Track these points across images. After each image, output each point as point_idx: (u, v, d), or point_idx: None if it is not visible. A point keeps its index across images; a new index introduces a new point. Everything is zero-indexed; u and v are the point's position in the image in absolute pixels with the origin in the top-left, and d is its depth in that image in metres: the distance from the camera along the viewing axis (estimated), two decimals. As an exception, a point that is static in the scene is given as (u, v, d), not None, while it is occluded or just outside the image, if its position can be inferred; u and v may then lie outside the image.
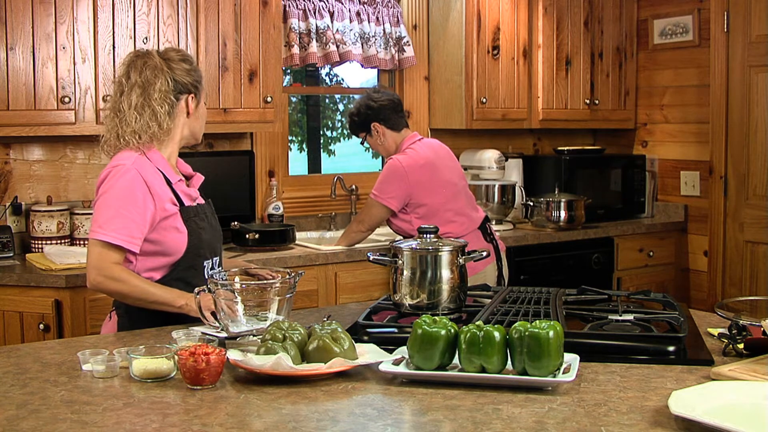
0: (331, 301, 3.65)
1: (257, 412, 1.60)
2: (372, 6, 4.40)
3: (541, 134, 5.13)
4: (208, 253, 2.41)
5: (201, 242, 2.38)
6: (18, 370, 1.88)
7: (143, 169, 2.31)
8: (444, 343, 1.76)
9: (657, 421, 1.52)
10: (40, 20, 3.29)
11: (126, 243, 2.25)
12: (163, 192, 2.32)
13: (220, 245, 2.52)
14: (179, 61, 2.41)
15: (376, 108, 3.62)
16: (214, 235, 2.46)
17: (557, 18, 4.69)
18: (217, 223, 2.52)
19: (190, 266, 2.36)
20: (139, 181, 2.28)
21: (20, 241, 3.56)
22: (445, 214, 3.49)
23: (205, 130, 2.54)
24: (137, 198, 2.27)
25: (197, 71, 2.46)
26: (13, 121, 3.27)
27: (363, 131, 3.69)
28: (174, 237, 2.33)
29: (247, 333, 1.99)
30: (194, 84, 2.42)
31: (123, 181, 2.28)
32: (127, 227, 2.25)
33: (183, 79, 2.39)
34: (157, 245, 2.31)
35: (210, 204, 2.53)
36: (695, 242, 4.83)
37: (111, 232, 2.24)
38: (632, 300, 2.49)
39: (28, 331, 3.13)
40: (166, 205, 2.32)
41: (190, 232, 2.35)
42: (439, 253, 2.19)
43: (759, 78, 4.43)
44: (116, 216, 2.25)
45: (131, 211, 2.26)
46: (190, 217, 2.37)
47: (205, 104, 2.51)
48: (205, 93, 2.51)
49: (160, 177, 2.35)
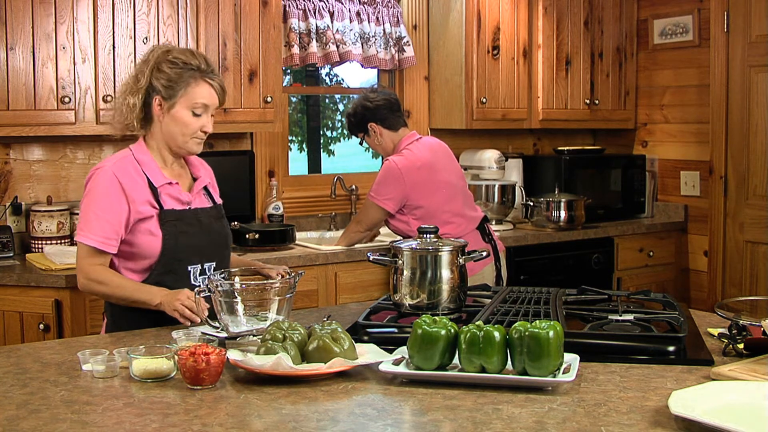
0: (331, 301, 3.64)
1: (257, 412, 1.60)
2: (372, 6, 4.40)
3: (541, 134, 5.13)
4: (195, 257, 2.37)
5: (179, 246, 2.35)
6: (18, 370, 1.88)
7: (122, 171, 2.34)
8: (444, 343, 1.76)
9: (657, 421, 1.52)
10: (40, 20, 3.28)
11: (101, 245, 2.30)
12: (139, 194, 2.33)
13: (223, 249, 2.48)
14: (168, 61, 2.35)
15: (373, 108, 3.62)
16: (207, 240, 2.41)
17: (557, 18, 4.69)
18: (221, 226, 2.48)
19: (168, 270, 2.34)
20: (114, 184, 2.32)
21: (20, 241, 3.56)
22: (442, 216, 3.48)
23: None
24: (112, 200, 2.31)
25: (181, 77, 2.33)
26: (13, 121, 3.27)
27: (360, 131, 3.69)
28: (147, 240, 2.33)
29: (247, 333, 1.99)
30: (166, 87, 2.33)
31: (100, 184, 2.33)
32: (103, 229, 2.30)
33: (157, 81, 2.34)
34: (132, 247, 2.34)
35: (217, 207, 2.50)
36: (695, 242, 4.83)
37: (89, 234, 2.31)
38: (632, 300, 2.49)
39: (28, 331, 3.13)
40: (140, 207, 2.32)
41: (165, 235, 2.33)
42: (439, 253, 2.19)
43: (759, 78, 4.43)
44: (93, 218, 2.31)
45: (107, 212, 2.30)
46: (169, 220, 2.35)
47: (192, 113, 2.35)
48: (190, 101, 2.34)
49: (142, 179, 2.35)
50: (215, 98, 2.39)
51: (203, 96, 2.35)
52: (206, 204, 2.48)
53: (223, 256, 2.48)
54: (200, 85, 2.36)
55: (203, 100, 2.36)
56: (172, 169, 2.44)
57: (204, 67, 2.37)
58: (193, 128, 2.37)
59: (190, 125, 2.37)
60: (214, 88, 2.38)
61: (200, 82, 2.35)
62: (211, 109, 2.39)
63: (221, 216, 2.51)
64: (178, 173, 2.46)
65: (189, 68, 2.35)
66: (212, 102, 2.38)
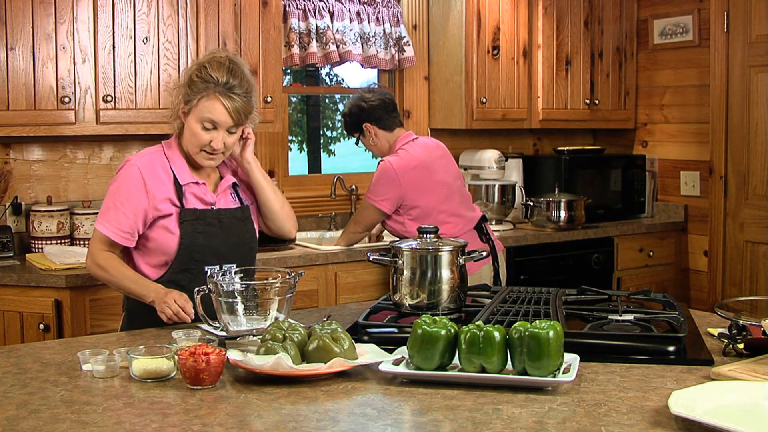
0: (331, 301, 3.64)
1: (257, 412, 1.60)
2: (372, 6, 4.40)
3: (541, 134, 5.13)
4: (212, 258, 2.34)
5: (196, 246, 2.36)
6: (18, 370, 1.88)
7: (148, 166, 2.37)
8: (444, 343, 1.76)
9: (657, 421, 1.52)
10: (40, 20, 3.28)
11: (113, 235, 2.34)
12: (161, 191, 2.35)
13: (246, 251, 2.45)
14: (199, 70, 2.33)
15: (368, 108, 3.61)
16: (227, 241, 2.40)
17: (557, 18, 4.69)
18: (244, 228, 2.45)
19: (184, 269, 2.36)
20: (137, 178, 2.35)
21: (20, 241, 3.56)
22: (438, 216, 3.48)
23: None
24: (131, 194, 2.34)
25: (199, 90, 2.31)
26: (13, 121, 3.27)
27: (356, 132, 3.69)
28: (164, 237, 2.36)
29: (247, 333, 1.99)
30: (187, 93, 2.34)
31: (123, 177, 2.37)
32: (118, 220, 2.34)
33: (186, 87, 2.35)
34: (150, 242, 2.38)
35: (243, 209, 2.47)
36: (695, 242, 4.83)
37: (105, 223, 2.36)
38: (632, 300, 2.50)
39: (28, 331, 3.13)
40: (160, 204, 2.35)
41: (183, 234, 2.35)
42: (439, 253, 2.19)
43: (759, 78, 4.43)
44: (111, 208, 2.35)
45: (124, 205, 2.34)
46: (188, 220, 2.36)
47: (201, 126, 2.33)
48: (199, 114, 2.32)
49: (168, 176, 2.38)
50: (226, 117, 2.32)
51: (211, 112, 2.31)
52: (231, 204, 2.47)
53: (246, 258, 2.43)
54: (212, 100, 2.31)
55: (211, 116, 2.31)
56: (200, 169, 2.44)
57: (225, 83, 2.31)
58: (201, 141, 2.34)
59: (198, 137, 2.34)
60: (226, 107, 2.31)
61: (213, 98, 2.31)
62: (223, 126, 2.33)
63: (246, 217, 2.48)
64: (207, 173, 2.46)
65: (210, 82, 2.31)
66: (221, 120, 2.32)
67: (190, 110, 2.35)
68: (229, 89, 2.32)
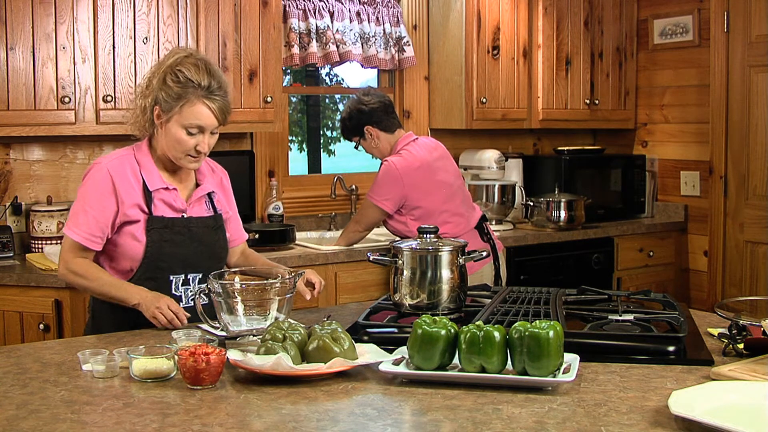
0: (331, 301, 3.64)
1: (257, 412, 1.60)
2: (372, 6, 4.39)
3: (541, 134, 5.13)
4: (178, 267, 2.33)
5: (162, 255, 2.32)
6: (18, 370, 1.88)
7: (118, 170, 2.32)
8: (444, 343, 1.76)
9: (657, 421, 1.52)
10: (40, 20, 3.28)
11: (84, 240, 2.30)
12: (130, 197, 2.31)
13: (214, 261, 2.39)
14: (174, 74, 2.27)
15: (368, 111, 3.61)
16: (195, 250, 2.36)
17: (557, 18, 4.69)
18: (215, 237, 2.41)
19: (148, 278, 2.32)
20: (107, 182, 2.31)
21: (20, 241, 3.57)
22: (440, 216, 3.48)
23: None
24: (102, 198, 2.30)
25: (179, 95, 2.25)
26: (13, 121, 3.27)
27: (356, 135, 3.68)
28: (130, 244, 2.32)
29: (247, 333, 1.99)
30: (165, 100, 2.27)
31: (93, 180, 2.33)
32: (88, 224, 2.30)
33: (160, 91, 2.28)
34: (116, 247, 2.34)
35: (216, 217, 2.43)
36: (695, 242, 4.83)
37: (74, 228, 2.31)
38: (632, 300, 2.50)
39: (28, 331, 3.13)
40: (128, 210, 2.31)
41: (149, 242, 2.31)
42: (439, 253, 2.19)
43: (759, 78, 4.43)
44: (80, 212, 2.31)
45: (95, 209, 2.30)
46: (155, 227, 2.31)
47: (186, 132, 2.27)
48: (184, 121, 2.26)
49: (137, 181, 2.33)
50: (212, 120, 2.28)
51: (198, 117, 2.26)
52: (204, 213, 2.42)
53: (214, 268, 2.32)
54: (196, 105, 2.26)
55: (198, 121, 2.27)
56: (174, 173, 2.40)
57: (207, 87, 2.26)
58: (187, 147, 2.29)
59: (183, 143, 2.29)
60: (212, 110, 2.27)
61: (197, 102, 2.26)
62: (208, 129, 2.30)
63: (218, 226, 2.44)
64: (181, 178, 2.41)
65: (190, 86, 2.26)
66: (208, 123, 2.28)
67: (170, 118, 2.28)
68: (211, 92, 2.28)
